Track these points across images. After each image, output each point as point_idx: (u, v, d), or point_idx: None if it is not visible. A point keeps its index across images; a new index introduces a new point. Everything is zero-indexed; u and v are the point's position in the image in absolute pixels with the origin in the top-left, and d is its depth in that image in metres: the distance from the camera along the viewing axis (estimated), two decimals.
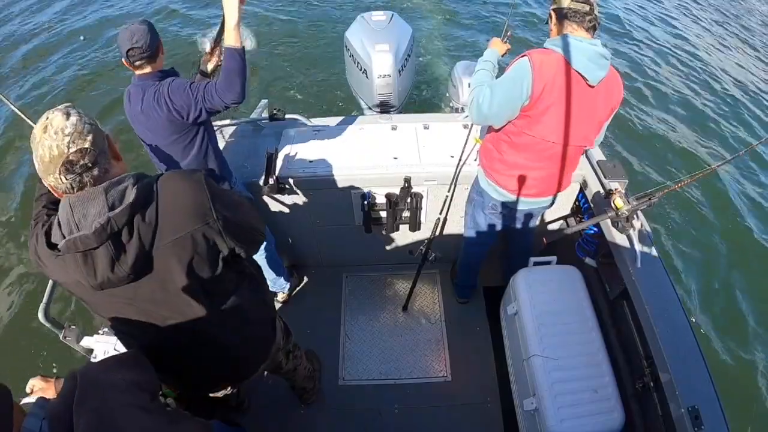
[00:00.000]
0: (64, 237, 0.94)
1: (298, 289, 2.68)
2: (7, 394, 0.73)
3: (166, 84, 1.64)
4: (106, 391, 0.88)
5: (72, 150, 0.91)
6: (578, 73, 1.55)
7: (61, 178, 0.92)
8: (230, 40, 1.56)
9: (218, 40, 1.96)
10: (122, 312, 1.09)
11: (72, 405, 0.80)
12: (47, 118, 0.92)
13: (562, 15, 1.58)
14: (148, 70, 1.67)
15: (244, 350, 1.33)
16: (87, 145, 0.92)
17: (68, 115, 0.92)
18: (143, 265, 1.00)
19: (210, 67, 2.00)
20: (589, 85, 1.58)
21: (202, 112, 1.64)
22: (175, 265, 1.03)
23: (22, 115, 1.64)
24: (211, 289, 1.13)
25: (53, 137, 0.90)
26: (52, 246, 0.96)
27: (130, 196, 0.95)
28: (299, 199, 2.28)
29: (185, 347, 1.21)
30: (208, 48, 2.00)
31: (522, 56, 1.62)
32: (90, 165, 0.93)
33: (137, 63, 1.64)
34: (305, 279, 2.73)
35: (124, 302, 1.07)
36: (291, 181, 2.16)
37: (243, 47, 1.58)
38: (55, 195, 1.00)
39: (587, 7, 1.55)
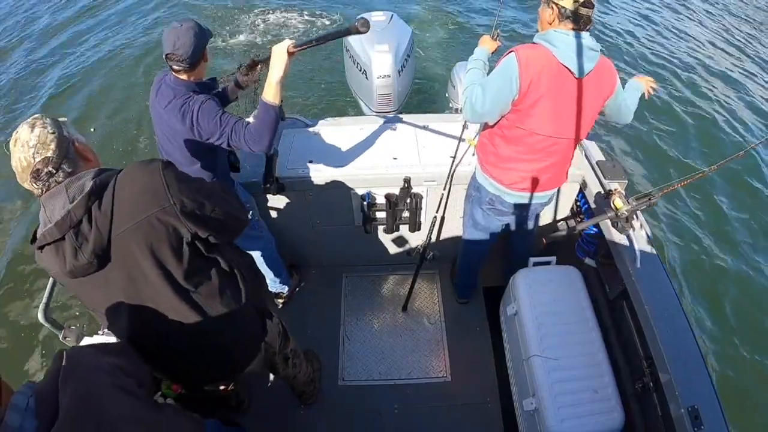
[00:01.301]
0: None
1: (298, 289, 2.68)
2: None
3: (198, 103, 1.59)
4: (91, 370, 0.90)
5: (37, 159, 1.03)
6: (565, 66, 1.57)
7: (32, 185, 1.05)
8: (269, 95, 1.52)
9: (262, 61, 1.88)
10: (103, 302, 1.14)
11: (57, 383, 0.83)
12: (17, 131, 1.04)
13: (565, 15, 1.57)
14: (184, 77, 1.64)
15: (231, 344, 1.32)
16: (49, 153, 1.03)
17: (33, 127, 1.04)
18: (104, 253, 1.05)
19: (245, 81, 1.95)
20: (577, 78, 1.60)
21: (225, 144, 1.62)
22: (136, 251, 1.07)
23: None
24: (180, 277, 1.14)
25: (21, 150, 1.03)
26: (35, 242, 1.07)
27: (87, 188, 1.02)
28: (299, 199, 2.28)
29: (169, 339, 1.21)
30: (252, 60, 1.92)
31: (509, 52, 1.64)
32: (53, 171, 1.04)
33: (175, 67, 1.62)
34: (305, 279, 2.73)
35: (101, 292, 1.12)
36: (291, 181, 2.16)
37: (281, 104, 1.55)
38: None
39: (590, 12, 1.57)
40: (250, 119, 2.52)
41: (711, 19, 7.72)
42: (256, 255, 2.16)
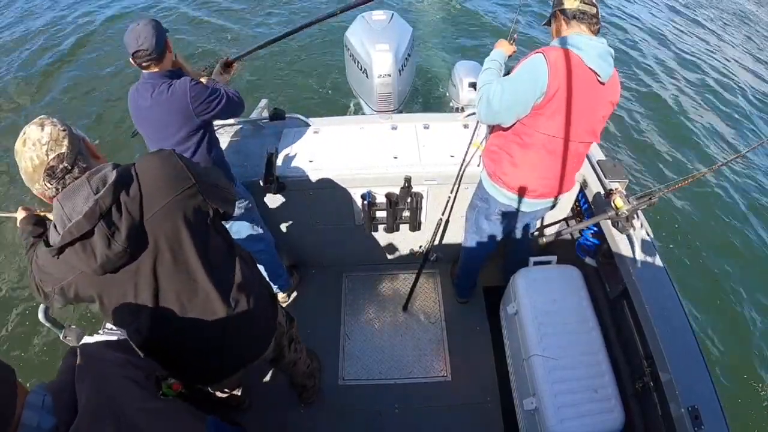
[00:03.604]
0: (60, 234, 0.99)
1: (298, 289, 2.68)
2: (11, 372, 0.75)
3: (183, 81, 1.66)
4: (106, 365, 0.92)
5: (51, 157, 1.00)
6: (592, 70, 1.57)
7: (45, 184, 1.01)
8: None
9: (240, 58, 2.04)
10: (131, 298, 1.12)
11: (72, 378, 0.84)
12: (24, 132, 1.02)
13: (570, 16, 1.60)
14: (155, 69, 1.69)
15: (252, 323, 1.34)
16: (63, 149, 1.01)
17: (43, 126, 1.01)
18: (138, 238, 1.05)
19: (222, 79, 2.00)
20: (600, 82, 1.60)
21: (220, 114, 1.72)
22: (167, 233, 1.09)
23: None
24: (207, 257, 1.17)
25: (32, 148, 0.99)
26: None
27: (111, 177, 1.01)
28: (299, 199, 2.28)
29: (199, 328, 1.22)
30: (227, 59, 2.02)
31: (536, 53, 1.62)
32: (69, 167, 1.02)
33: (144, 64, 1.66)
34: (305, 279, 2.73)
35: (129, 285, 1.11)
36: (291, 181, 2.15)
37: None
38: (46, 201, 1.08)
39: (594, 9, 1.59)
40: (254, 114, 2.59)
41: (712, 18, 7.71)
42: (257, 255, 2.17)
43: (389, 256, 2.73)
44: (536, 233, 2.29)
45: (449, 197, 2.16)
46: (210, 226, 1.18)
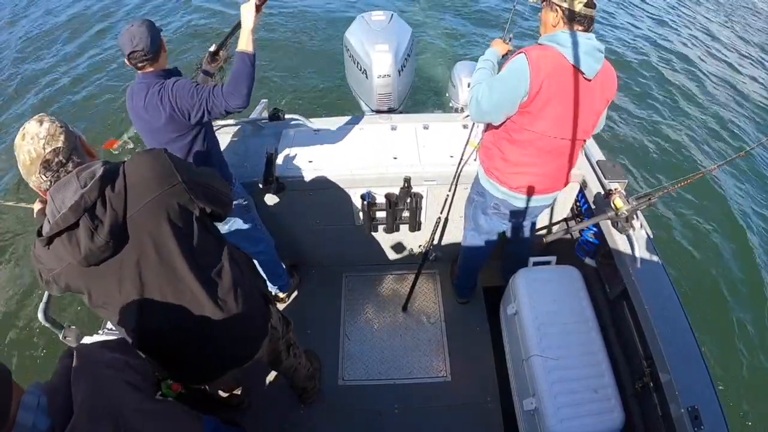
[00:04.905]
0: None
1: (298, 289, 2.68)
2: (7, 372, 0.76)
3: (171, 83, 1.65)
4: (102, 367, 0.93)
5: (47, 150, 1.05)
6: (575, 67, 1.57)
7: (41, 177, 1.06)
8: (243, 44, 1.61)
9: (224, 43, 2.01)
10: (116, 293, 1.14)
11: (68, 379, 0.84)
12: (24, 128, 1.07)
13: (571, 16, 1.58)
14: (150, 69, 1.69)
15: (241, 325, 1.33)
16: (60, 144, 1.06)
17: (41, 122, 1.07)
18: (120, 233, 1.08)
19: (212, 68, 2.00)
20: (586, 79, 1.60)
21: (205, 113, 1.65)
22: (151, 228, 1.11)
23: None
24: (193, 253, 1.18)
25: (30, 142, 1.05)
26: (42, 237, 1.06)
27: (98, 173, 1.05)
28: (299, 199, 2.28)
29: (183, 326, 1.22)
30: (213, 49, 2.01)
31: (518, 53, 1.63)
32: (64, 161, 1.07)
33: (139, 65, 1.66)
34: (305, 279, 2.73)
35: (114, 279, 1.13)
36: (291, 181, 2.16)
37: (254, 54, 1.62)
38: (42, 195, 1.11)
39: (593, 13, 1.59)
40: (253, 114, 2.55)
41: (712, 19, 7.72)
42: (256, 256, 2.17)
43: (389, 257, 2.73)
44: (536, 233, 2.29)
45: (447, 195, 2.16)
46: (197, 224, 1.20)
